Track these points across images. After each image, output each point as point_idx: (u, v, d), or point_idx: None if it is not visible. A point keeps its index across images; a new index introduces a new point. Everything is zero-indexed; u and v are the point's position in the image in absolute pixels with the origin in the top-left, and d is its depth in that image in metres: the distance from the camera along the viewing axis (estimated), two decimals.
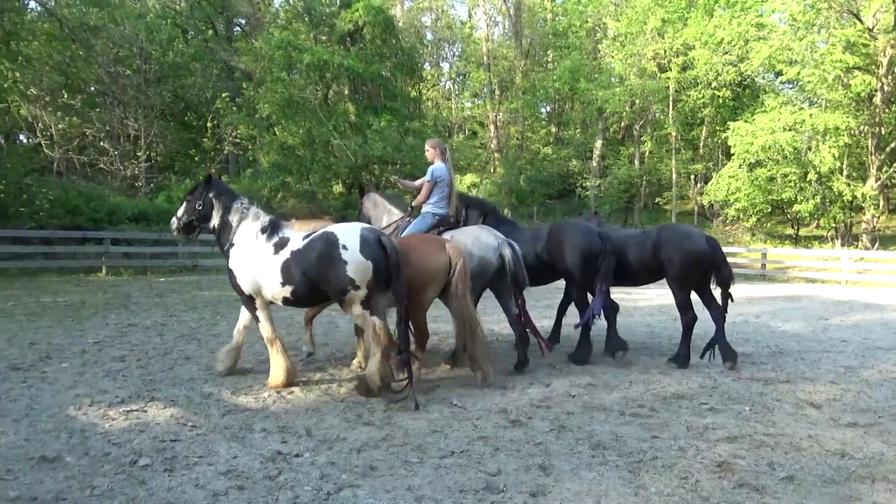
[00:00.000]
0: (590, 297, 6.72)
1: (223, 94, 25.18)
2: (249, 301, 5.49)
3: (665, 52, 26.62)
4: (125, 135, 24.58)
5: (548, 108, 39.05)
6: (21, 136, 23.88)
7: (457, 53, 42.62)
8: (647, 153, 29.42)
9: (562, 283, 7.29)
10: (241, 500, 3.24)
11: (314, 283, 5.06)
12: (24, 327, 8.14)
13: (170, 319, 8.73)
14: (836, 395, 5.54)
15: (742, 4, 22.56)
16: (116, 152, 23.46)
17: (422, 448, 4.01)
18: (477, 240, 6.00)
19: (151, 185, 24.47)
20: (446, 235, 6.12)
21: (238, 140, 26.99)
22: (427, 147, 6.79)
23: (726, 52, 23.80)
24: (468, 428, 4.43)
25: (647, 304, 12.33)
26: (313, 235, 5.17)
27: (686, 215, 29.00)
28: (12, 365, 6.00)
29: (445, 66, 42.76)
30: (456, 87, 44.41)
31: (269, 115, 24.87)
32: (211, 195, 5.73)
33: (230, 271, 5.55)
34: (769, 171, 22.16)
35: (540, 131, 39.08)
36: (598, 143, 31.26)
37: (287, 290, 5.17)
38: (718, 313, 6.49)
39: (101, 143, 24.25)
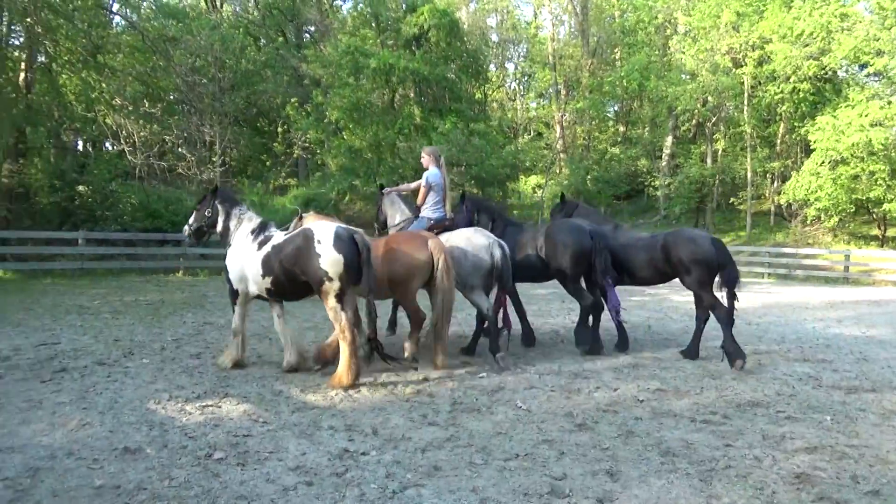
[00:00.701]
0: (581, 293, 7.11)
1: (293, 100, 25.88)
2: (234, 295, 6.11)
3: (740, 46, 25.61)
4: (201, 141, 25.59)
5: (615, 107, 38.31)
6: (107, 144, 25.27)
7: (522, 54, 42.39)
8: (720, 151, 28.40)
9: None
10: (309, 496, 3.32)
11: (292, 274, 5.58)
12: (108, 325, 8.61)
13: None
14: None
15: None
16: (193, 158, 24.45)
17: (486, 450, 4.01)
18: (469, 241, 6.49)
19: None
20: (442, 237, 6.49)
21: (307, 144, 27.71)
22: (423, 154, 7.43)
23: (806, 45, 22.72)
24: (533, 431, 4.40)
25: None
26: (293, 232, 5.79)
27: (762, 216, 27.84)
28: (98, 360, 6.35)
29: (510, 66, 42.61)
30: (521, 87, 44.16)
31: (336, 120, 25.41)
32: (217, 202, 6.42)
33: (224, 267, 6.22)
34: (854, 168, 21.01)
35: (607, 131, 38.35)
36: (668, 142, 30.42)
37: (268, 282, 5.78)
38: (725, 314, 6.59)
39: (180, 149, 25.34)
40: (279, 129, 28.89)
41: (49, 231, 16.48)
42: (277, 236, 5.91)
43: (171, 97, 26.48)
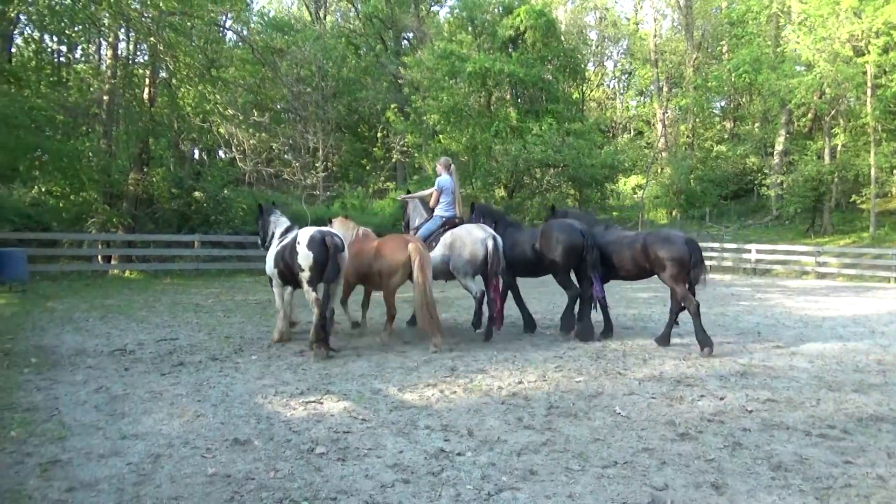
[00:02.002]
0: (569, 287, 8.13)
1: (392, 106, 26.48)
2: (269, 282, 7.80)
3: (862, 33, 23.78)
4: (306, 147, 26.75)
5: (721, 103, 36.62)
6: (220, 152, 26.88)
7: (621, 51, 41.40)
8: (839, 146, 26.47)
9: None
10: (406, 494, 3.38)
11: (288, 265, 7.05)
12: (221, 322, 9.16)
13: (344, 318, 9.33)
14: None
15: None
16: (298, 163, 25.60)
17: (583, 456, 3.93)
18: (469, 234, 7.81)
19: (328, 193, 26.37)
20: (448, 233, 8.04)
21: (405, 148, 28.29)
22: (437, 165, 8.88)
23: None
24: (632, 438, 4.27)
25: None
26: (292, 235, 7.24)
27: (888, 215, 25.69)
28: (212, 356, 6.77)
29: (609, 64, 41.70)
30: (620, 85, 43.12)
31: (434, 124, 25.78)
32: (262, 219, 8.39)
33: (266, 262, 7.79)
34: None
35: (713, 128, 36.67)
36: (781, 138, 28.70)
37: (276, 271, 7.35)
38: (676, 307, 7.55)
39: (285, 156, 26.61)
40: (378, 135, 29.73)
41: (169, 234, 17.74)
42: (288, 237, 7.31)
43: (278, 106, 27.84)
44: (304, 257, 6.79)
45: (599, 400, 5.23)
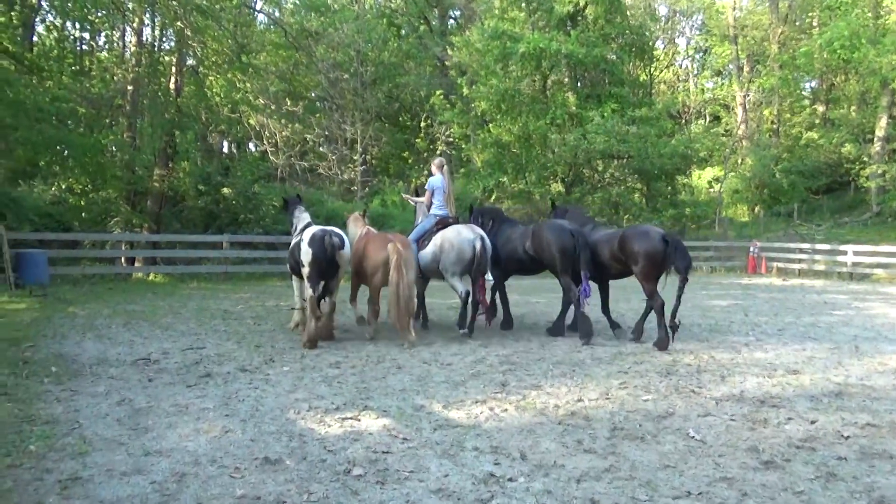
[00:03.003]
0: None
1: (437, 92, 26.59)
2: (291, 273, 9.15)
3: None
4: (342, 139, 27.09)
5: (812, 84, 35.59)
6: (250, 145, 27.48)
7: (696, 26, 40.65)
8: None
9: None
10: None
11: (297, 261, 8.36)
12: (251, 330, 9.35)
13: (383, 326, 9.41)
14: None
15: None
16: (334, 157, 25.95)
17: (651, 484, 3.86)
18: (458, 234, 8.78)
19: (367, 188, 26.65)
20: (439, 233, 9.01)
21: (451, 139, 28.34)
22: (432, 165, 9.96)
23: None
24: (708, 466, 4.18)
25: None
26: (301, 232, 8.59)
27: None
28: (241, 366, 6.91)
29: (682, 42, 41.00)
30: (694, 65, 42.36)
31: (483, 112, 25.74)
32: (288, 212, 9.75)
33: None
34: None
35: (801, 112, 35.65)
36: (882, 122, 27.68)
37: (289, 265, 8.94)
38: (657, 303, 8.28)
39: (321, 148, 27.01)
40: (422, 124, 29.83)
41: (195, 235, 18.19)
42: (303, 234, 8.45)
43: (313, 94, 28.27)
44: (305, 254, 8.03)
45: (670, 421, 5.13)
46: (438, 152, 29.46)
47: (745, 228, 28.94)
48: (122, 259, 18.12)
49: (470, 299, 8.79)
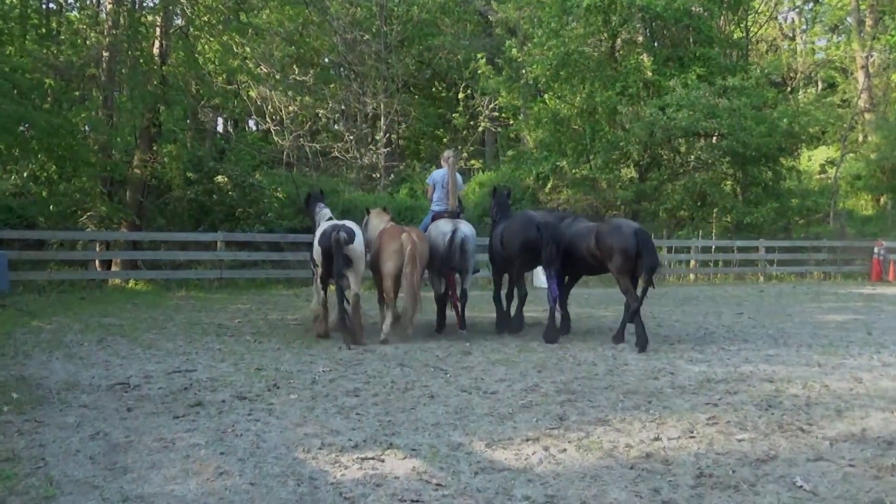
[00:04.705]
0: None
1: (479, 55, 26.56)
2: (312, 269, 10.71)
3: None
4: (362, 115, 27.25)
5: None
6: (250, 122, 27.75)
7: None
8: None
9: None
10: None
11: (313, 259, 10.01)
12: (251, 349, 9.44)
13: (412, 346, 9.43)
14: None
15: None
16: (352, 137, 26.10)
17: None
18: (436, 227, 10.42)
19: (391, 175, 26.71)
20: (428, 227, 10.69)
21: (497, 114, 28.29)
22: (441, 159, 11.57)
23: None
24: None
25: None
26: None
27: None
28: (239, 394, 6.98)
29: None
30: (803, 19, 41.68)
31: (536, 79, 25.62)
32: (309, 208, 11.19)
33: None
34: None
35: None
36: None
37: (311, 263, 10.57)
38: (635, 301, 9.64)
39: (336, 127, 27.19)
40: (460, 96, 29.79)
41: (184, 233, 18.41)
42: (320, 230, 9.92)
43: (326, 60, 28.38)
44: (316, 251, 9.63)
45: (772, 467, 5.06)
46: (481, 129, 29.47)
47: (867, 224, 28.43)
48: (97, 262, 18.38)
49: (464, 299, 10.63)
